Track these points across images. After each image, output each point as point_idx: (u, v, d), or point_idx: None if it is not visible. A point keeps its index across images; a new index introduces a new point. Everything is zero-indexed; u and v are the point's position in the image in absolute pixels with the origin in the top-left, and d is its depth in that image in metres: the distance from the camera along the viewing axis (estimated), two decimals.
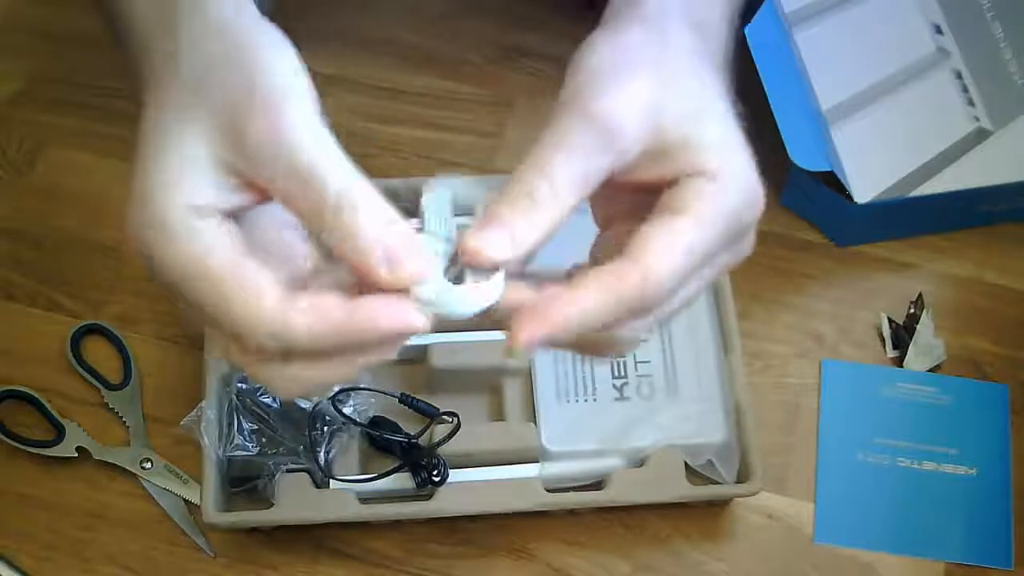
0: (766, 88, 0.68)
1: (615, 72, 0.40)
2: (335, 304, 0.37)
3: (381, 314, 0.37)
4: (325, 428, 0.61)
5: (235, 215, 0.39)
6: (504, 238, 0.38)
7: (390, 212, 0.38)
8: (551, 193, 0.39)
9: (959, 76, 0.71)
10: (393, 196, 0.41)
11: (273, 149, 0.37)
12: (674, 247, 0.39)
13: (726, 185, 0.40)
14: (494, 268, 0.39)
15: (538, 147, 0.40)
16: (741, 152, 0.41)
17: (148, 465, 0.64)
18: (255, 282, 0.37)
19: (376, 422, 0.63)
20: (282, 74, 0.39)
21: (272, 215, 0.41)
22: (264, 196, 0.39)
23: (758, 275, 0.71)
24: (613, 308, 0.38)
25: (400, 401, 0.63)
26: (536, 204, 0.39)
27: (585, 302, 0.38)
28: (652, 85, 0.40)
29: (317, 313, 0.37)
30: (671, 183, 0.40)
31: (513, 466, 0.62)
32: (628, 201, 0.43)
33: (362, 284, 0.38)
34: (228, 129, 0.38)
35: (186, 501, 0.63)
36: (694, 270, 0.40)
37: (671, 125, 0.40)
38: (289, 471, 0.60)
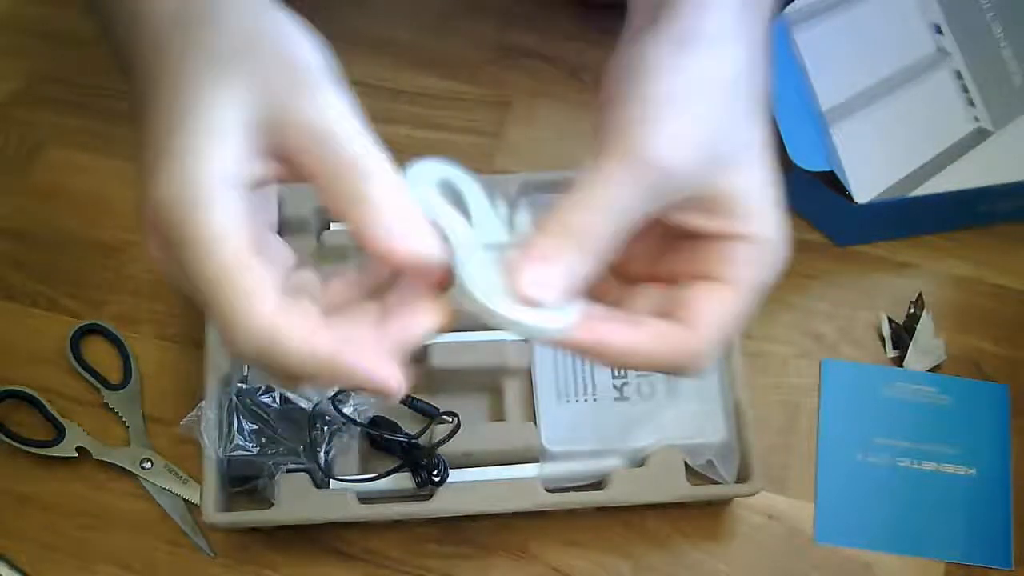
0: None
1: (673, 105, 0.40)
2: (325, 339, 0.37)
3: (361, 367, 0.37)
4: (325, 428, 0.61)
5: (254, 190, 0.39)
6: (559, 279, 0.38)
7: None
8: (593, 247, 0.39)
9: (959, 76, 0.71)
10: None
11: (313, 122, 0.38)
12: (723, 324, 0.40)
13: (763, 254, 0.41)
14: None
15: (589, 187, 0.39)
16: (775, 213, 0.42)
17: (148, 465, 0.64)
18: (254, 288, 0.36)
19: (376, 422, 0.63)
20: (316, 55, 0.40)
21: (262, 214, 0.41)
22: (286, 171, 0.39)
23: None
24: (657, 360, 0.40)
25: (400, 401, 0.63)
26: (586, 257, 0.39)
27: (638, 344, 0.39)
28: (711, 128, 0.40)
29: (306, 341, 0.36)
30: (709, 236, 0.41)
31: (513, 466, 0.62)
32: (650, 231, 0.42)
33: (385, 266, 0.38)
34: (265, 95, 0.38)
35: (186, 501, 0.63)
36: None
37: (722, 176, 0.40)
38: (289, 471, 0.60)
